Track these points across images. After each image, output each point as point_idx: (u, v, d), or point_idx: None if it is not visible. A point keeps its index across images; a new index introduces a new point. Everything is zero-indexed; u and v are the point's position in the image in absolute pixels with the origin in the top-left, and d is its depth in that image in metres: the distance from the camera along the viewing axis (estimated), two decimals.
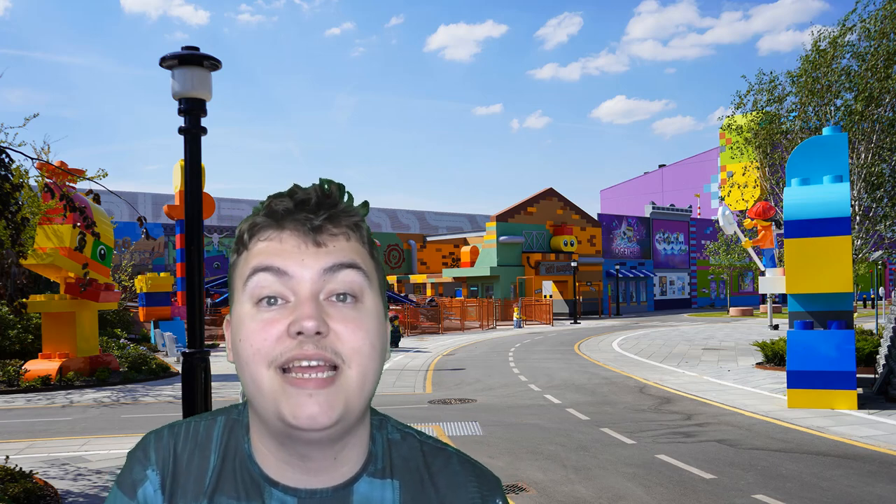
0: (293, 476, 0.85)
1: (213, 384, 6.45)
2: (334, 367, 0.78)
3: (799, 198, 11.07)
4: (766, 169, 19.21)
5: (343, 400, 0.78)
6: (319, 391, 0.76)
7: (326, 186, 0.86)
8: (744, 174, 21.56)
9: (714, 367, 16.63)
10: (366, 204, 0.88)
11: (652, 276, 51.27)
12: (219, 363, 17.60)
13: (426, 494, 0.89)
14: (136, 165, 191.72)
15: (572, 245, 44.90)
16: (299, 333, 0.77)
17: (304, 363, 0.77)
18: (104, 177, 9.52)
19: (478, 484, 0.91)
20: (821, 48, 16.79)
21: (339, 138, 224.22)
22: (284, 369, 0.77)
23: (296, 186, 0.86)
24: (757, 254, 14.91)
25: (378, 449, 0.90)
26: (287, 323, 0.78)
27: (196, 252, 6.27)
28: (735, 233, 15.27)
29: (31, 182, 10.61)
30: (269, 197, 0.86)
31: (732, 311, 42.81)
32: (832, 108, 16.93)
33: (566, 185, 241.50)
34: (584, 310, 43.94)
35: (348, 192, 0.87)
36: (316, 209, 0.83)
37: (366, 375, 0.80)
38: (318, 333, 0.77)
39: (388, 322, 0.88)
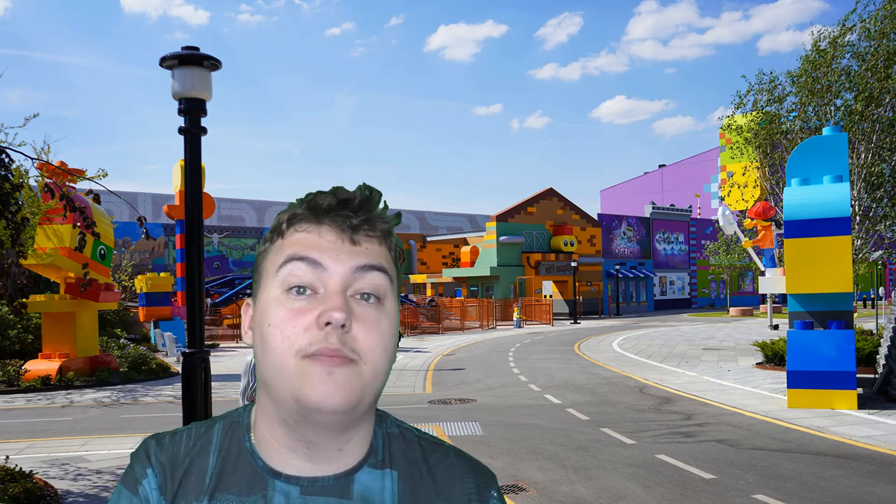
0: (297, 464, 0.87)
1: (213, 384, 6.45)
2: (352, 360, 0.83)
3: (799, 198, 11.06)
4: (766, 169, 19.21)
5: (358, 389, 0.82)
6: (338, 370, 0.81)
7: (368, 192, 0.90)
8: (744, 174, 21.56)
9: (714, 367, 16.63)
10: (399, 215, 0.92)
11: (652, 276, 51.26)
12: (219, 363, 17.65)
13: (424, 485, 0.91)
14: (136, 165, 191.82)
15: (572, 245, 44.89)
16: (327, 324, 0.81)
17: (327, 352, 0.81)
18: (104, 177, 9.51)
19: (474, 476, 0.94)
20: (821, 48, 16.79)
21: (339, 138, 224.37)
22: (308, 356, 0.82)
23: (339, 187, 0.90)
24: (757, 254, 14.91)
25: (378, 442, 0.93)
26: (316, 314, 0.82)
27: (196, 252, 6.27)
28: (735, 233, 15.26)
29: (31, 182, 10.61)
30: (312, 193, 0.90)
31: (732, 311, 42.80)
32: (832, 108, 16.93)
33: (566, 185, 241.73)
34: (584, 310, 43.93)
35: (385, 201, 0.91)
36: (357, 209, 0.87)
37: (376, 373, 0.84)
38: (342, 326, 0.81)
39: (399, 324, 0.93)
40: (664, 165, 78.06)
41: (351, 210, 0.87)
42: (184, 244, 8.51)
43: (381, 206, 0.91)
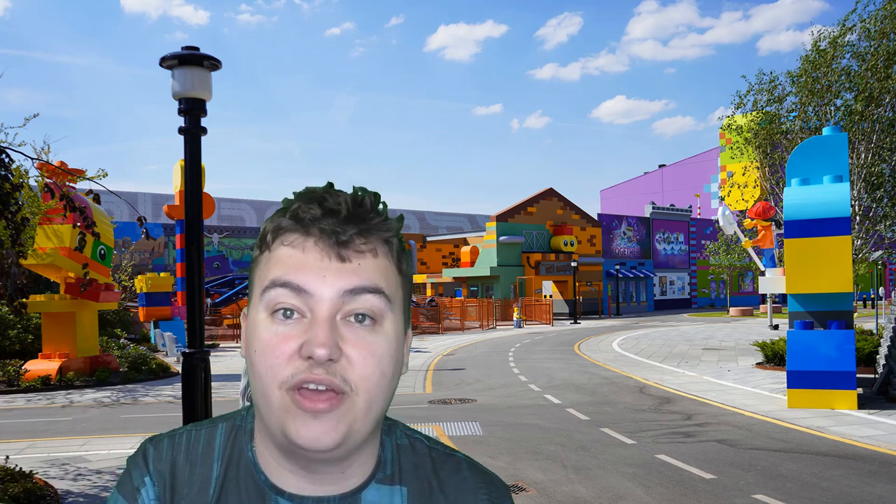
0: (299, 484, 0.84)
1: (213, 384, 6.45)
2: (342, 393, 0.77)
3: (799, 198, 11.06)
4: (766, 169, 19.20)
5: (347, 424, 0.77)
6: (325, 414, 0.76)
7: (360, 196, 0.81)
8: (744, 174, 21.56)
9: (714, 367, 16.63)
10: (401, 218, 0.85)
11: (652, 276, 51.25)
12: (219, 363, 17.65)
13: (435, 501, 0.88)
14: (136, 165, 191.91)
15: (572, 245, 44.89)
16: (310, 357, 0.76)
17: (313, 386, 0.76)
18: (104, 177, 9.50)
19: (487, 491, 0.91)
20: (821, 48, 16.79)
21: (339, 138, 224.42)
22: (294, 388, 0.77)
23: (328, 192, 0.81)
24: (757, 254, 14.91)
25: (387, 455, 0.89)
26: (300, 342, 0.76)
27: (196, 252, 6.27)
28: (735, 233, 15.26)
29: (31, 182, 10.61)
30: (299, 197, 0.82)
31: (732, 311, 42.79)
32: (832, 108, 16.92)
33: (566, 185, 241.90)
34: (584, 310, 43.92)
35: (383, 202, 0.83)
36: (345, 222, 0.79)
37: (372, 402, 0.79)
38: (329, 360, 0.76)
39: (405, 337, 0.85)
40: (664, 165, 78.06)
41: (338, 223, 0.78)
42: (184, 244, 8.50)
43: (380, 208, 0.82)
